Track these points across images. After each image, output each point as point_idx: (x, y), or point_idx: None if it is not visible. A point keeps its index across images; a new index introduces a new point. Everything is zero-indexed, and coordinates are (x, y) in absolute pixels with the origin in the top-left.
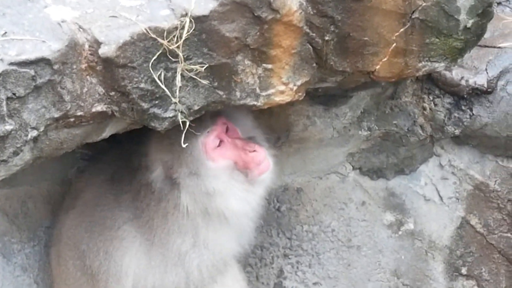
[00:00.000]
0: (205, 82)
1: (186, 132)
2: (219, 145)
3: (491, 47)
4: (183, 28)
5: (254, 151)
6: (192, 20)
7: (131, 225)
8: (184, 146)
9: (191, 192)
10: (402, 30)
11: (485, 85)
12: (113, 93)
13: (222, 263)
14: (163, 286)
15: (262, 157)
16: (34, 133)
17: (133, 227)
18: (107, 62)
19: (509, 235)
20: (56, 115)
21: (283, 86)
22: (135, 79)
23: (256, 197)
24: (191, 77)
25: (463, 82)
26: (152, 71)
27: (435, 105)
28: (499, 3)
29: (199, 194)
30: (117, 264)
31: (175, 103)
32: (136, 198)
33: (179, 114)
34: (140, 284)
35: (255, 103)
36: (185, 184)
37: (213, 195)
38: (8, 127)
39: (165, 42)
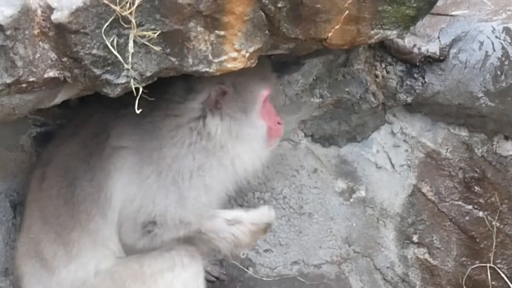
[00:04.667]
0: (157, 48)
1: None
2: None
3: (443, 15)
4: None
5: (280, 123)
6: None
7: (127, 148)
8: (138, 112)
9: (226, 126)
10: None
11: (438, 53)
12: (65, 59)
13: (214, 200)
14: (148, 210)
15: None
16: None
17: (129, 150)
18: (60, 28)
19: (460, 203)
20: (8, 81)
21: (236, 53)
22: (88, 45)
23: (264, 159)
24: (143, 43)
25: (415, 50)
26: (104, 37)
27: (387, 72)
28: None
29: (231, 132)
30: (102, 187)
31: (128, 69)
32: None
33: (132, 80)
34: (126, 209)
35: (208, 69)
36: (226, 115)
37: (241, 141)
38: None
39: (117, 8)
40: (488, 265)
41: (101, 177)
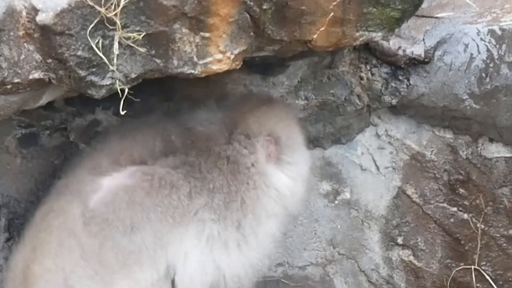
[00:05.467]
0: (142, 50)
1: None
2: None
3: (428, 17)
4: None
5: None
6: None
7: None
8: (122, 113)
9: (285, 176)
10: None
11: (422, 55)
12: (50, 60)
13: None
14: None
15: None
16: None
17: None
18: (45, 29)
19: (445, 205)
20: None
21: (221, 55)
22: (73, 47)
23: None
24: (128, 45)
25: (400, 52)
26: (89, 39)
27: (372, 74)
28: None
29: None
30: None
31: (113, 71)
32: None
33: (117, 81)
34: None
35: (193, 71)
36: (283, 167)
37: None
38: None
39: (102, 9)
40: (472, 267)
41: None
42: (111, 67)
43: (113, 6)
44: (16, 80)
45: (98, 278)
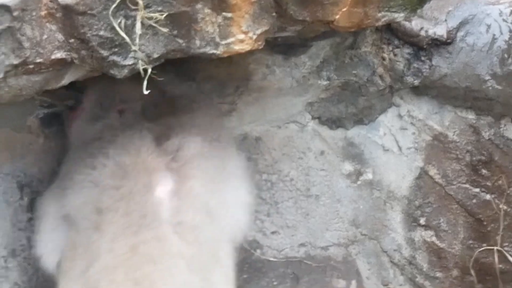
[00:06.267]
0: (164, 30)
1: None
2: None
3: None
4: None
5: None
6: None
7: None
8: (146, 92)
9: None
10: None
11: (445, 36)
12: (72, 40)
13: None
14: None
15: None
16: None
17: None
18: (67, 9)
19: (467, 185)
20: (15, 62)
21: (243, 35)
22: (95, 27)
23: None
24: (150, 25)
25: (422, 33)
26: (112, 19)
27: (395, 55)
28: None
29: None
30: None
31: (135, 51)
32: None
33: (139, 61)
34: None
35: (215, 51)
36: None
37: None
38: None
39: None
40: (495, 248)
41: None
42: (133, 47)
43: None
44: (38, 60)
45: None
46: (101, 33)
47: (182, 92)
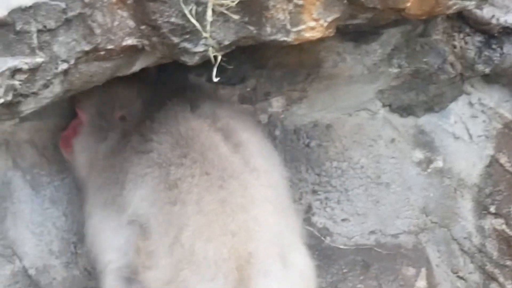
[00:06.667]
0: (236, 17)
1: None
2: None
3: None
4: None
5: None
6: None
7: None
8: (215, 80)
9: None
10: None
11: None
12: (143, 27)
13: None
14: None
15: None
16: (65, 66)
17: None
18: None
19: None
20: (86, 48)
21: (314, 22)
22: (166, 13)
23: None
24: (221, 12)
25: (493, 21)
26: (183, 6)
27: (466, 43)
28: None
29: None
30: None
31: (206, 37)
32: None
33: (210, 48)
34: None
35: (286, 39)
36: None
37: None
38: (39, 60)
39: None
40: None
41: None
42: (204, 34)
43: None
44: (109, 47)
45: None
46: (172, 19)
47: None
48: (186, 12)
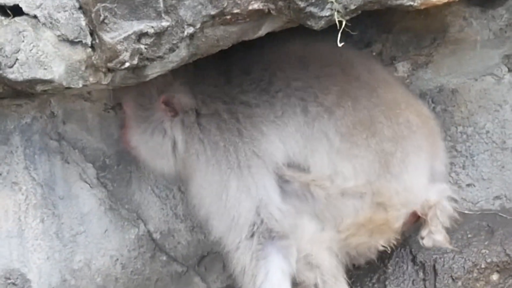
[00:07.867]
0: None
1: None
2: None
3: None
4: None
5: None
6: None
7: None
8: (340, 45)
9: None
10: None
11: None
12: None
13: None
14: None
15: None
16: (190, 29)
17: None
18: None
19: None
20: (212, 12)
21: None
22: None
23: None
24: None
25: None
26: None
27: None
28: None
29: None
30: None
31: (332, 2)
32: None
33: (336, 13)
34: None
35: (412, 3)
36: None
37: None
38: (165, 24)
39: None
40: None
41: None
42: None
43: None
44: (235, 11)
45: None
46: None
47: None
48: None
